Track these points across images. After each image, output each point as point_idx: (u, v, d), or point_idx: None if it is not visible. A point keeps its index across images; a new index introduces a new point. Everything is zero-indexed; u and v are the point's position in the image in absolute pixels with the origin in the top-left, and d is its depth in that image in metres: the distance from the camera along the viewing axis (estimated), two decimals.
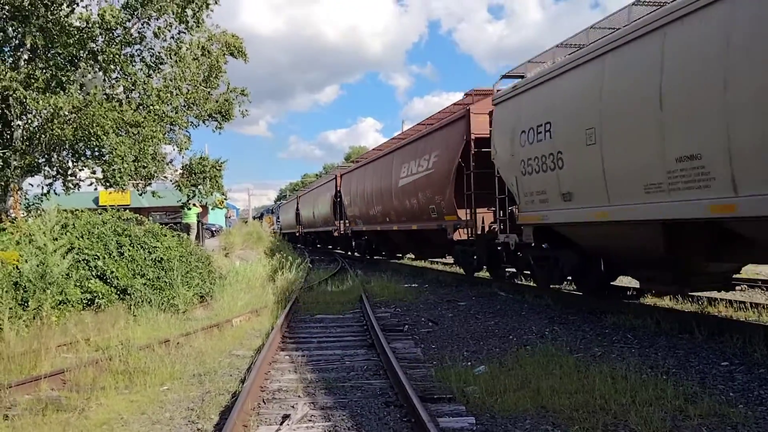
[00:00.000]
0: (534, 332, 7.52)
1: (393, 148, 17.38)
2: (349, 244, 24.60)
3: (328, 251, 29.83)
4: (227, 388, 5.37)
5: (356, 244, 23.47)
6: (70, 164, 12.57)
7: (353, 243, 23.79)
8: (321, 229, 28.87)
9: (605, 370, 5.20)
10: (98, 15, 10.74)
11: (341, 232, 24.13)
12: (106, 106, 11.10)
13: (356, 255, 23.78)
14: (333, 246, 29.04)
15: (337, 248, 27.83)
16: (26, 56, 11.12)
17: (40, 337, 6.62)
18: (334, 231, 25.04)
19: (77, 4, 11.18)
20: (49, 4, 10.71)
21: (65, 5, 11.01)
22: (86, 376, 5.64)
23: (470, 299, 10.75)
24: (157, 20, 11.98)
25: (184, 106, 13.69)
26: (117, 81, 12.12)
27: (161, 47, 12.56)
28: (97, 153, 12.19)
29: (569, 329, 7.55)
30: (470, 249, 12.60)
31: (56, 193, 12.65)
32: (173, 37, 12.50)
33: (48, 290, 8.02)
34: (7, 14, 10.83)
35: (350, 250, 24.99)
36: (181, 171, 14.25)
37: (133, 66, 12.09)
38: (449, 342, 7.30)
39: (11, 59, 11.35)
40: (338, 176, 24.53)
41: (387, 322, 8.50)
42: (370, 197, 18.82)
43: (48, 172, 12.36)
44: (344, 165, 30.40)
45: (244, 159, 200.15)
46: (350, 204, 21.69)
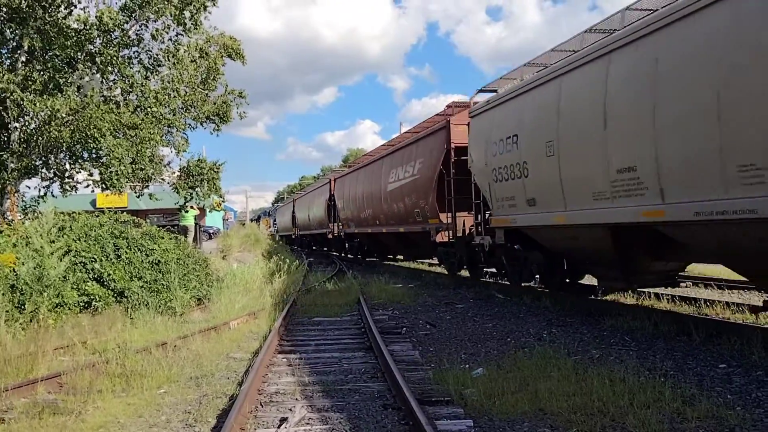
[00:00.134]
0: (532, 335, 7.52)
1: (382, 155, 17.95)
2: (343, 246, 25.11)
3: (324, 253, 29.99)
4: (224, 391, 5.36)
5: (349, 246, 23.94)
6: (68, 166, 12.57)
7: (346, 245, 24.27)
8: (316, 232, 29.34)
9: (603, 373, 5.19)
10: (96, 17, 10.74)
11: (335, 235, 24.55)
12: (104, 108, 11.09)
13: (350, 257, 24.17)
14: (327, 248, 29.36)
15: (332, 250, 28.25)
16: (24, 58, 11.10)
17: (37, 340, 6.58)
18: (329, 233, 25.48)
19: (75, 6, 11.18)
20: (47, 6, 10.71)
21: (63, 7, 11.01)
22: (83, 379, 5.62)
23: (468, 301, 10.76)
24: (155, 22, 11.99)
25: (182, 108, 13.71)
26: (114, 83, 12.11)
27: (159, 49, 12.59)
28: (95, 155, 12.18)
29: (567, 332, 7.55)
30: (451, 250, 13.17)
31: (53, 196, 12.64)
32: (171, 40, 12.53)
33: (45, 293, 8.00)
34: (5, 16, 10.82)
35: (344, 252, 25.44)
36: (179, 173, 14.26)
37: (131, 68, 12.08)
38: (447, 344, 7.30)
39: (8, 61, 11.34)
40: (332, 180, 25.08)
41: (385, 325, 8.50)
42: (362, 201, 19.32)
43: (45, 175, 12.35)
44: (338, 169, 30.80)
45: (242, 161, 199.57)
46: (343, 207, 22.14)
